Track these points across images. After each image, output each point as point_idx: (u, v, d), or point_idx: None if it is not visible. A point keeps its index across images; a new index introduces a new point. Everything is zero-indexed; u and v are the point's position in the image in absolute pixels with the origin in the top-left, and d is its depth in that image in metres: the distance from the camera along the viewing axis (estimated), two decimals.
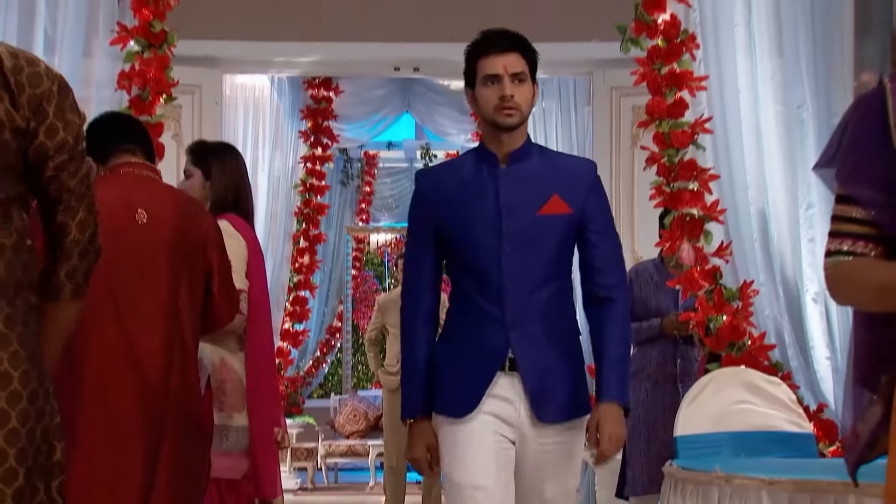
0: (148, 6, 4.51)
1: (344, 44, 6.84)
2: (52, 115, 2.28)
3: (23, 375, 2.25)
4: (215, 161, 4.15)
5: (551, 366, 2.95)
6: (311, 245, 8.91)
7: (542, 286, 2.95)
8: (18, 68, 2.27)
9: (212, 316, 3.61)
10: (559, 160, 3.13)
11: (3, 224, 2.25)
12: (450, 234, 3.04)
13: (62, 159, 2.31)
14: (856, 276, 1.98)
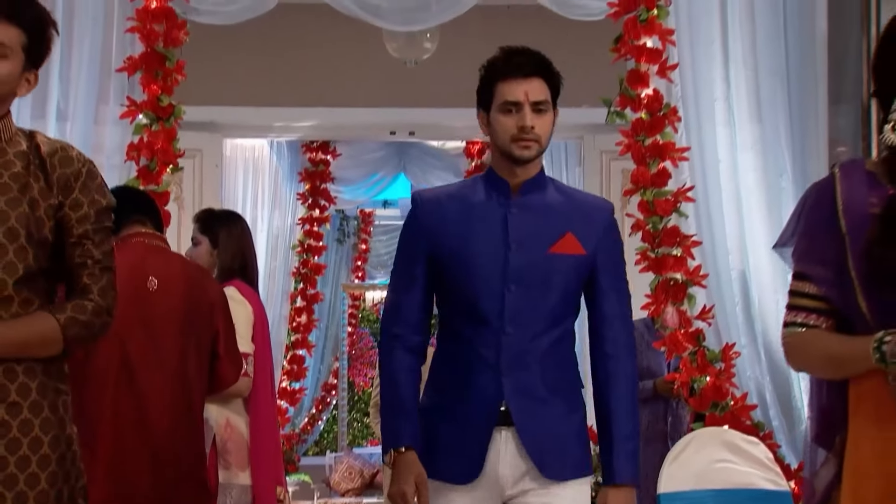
0: (156, 82, 4.72)
1: (341, 109, 6.97)
2: (78, 192, 2.47)
3: (52, 440, 2.41)
4: (222, 229, 4.34)
5: (548, 420, 2.68)
6: (308, 304, 9.02)
7: (544, 332, 2.67)
8: (53, 152, 2.48)
9: (218, 377, 3.79)
10: (576, 196, 2.83)
11: (36, 296, 2.43)
12: (447, 265, 2.72)
13: (85, 229, 2.48)
14: (807, 346, 2.16)
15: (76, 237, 2.47)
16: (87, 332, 2.48)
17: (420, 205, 2.79)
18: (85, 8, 4.83)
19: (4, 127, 2.47)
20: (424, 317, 2.78)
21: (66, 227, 2.48)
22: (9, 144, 2.46)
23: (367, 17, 5.03)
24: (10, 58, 2.42)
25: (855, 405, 2.04)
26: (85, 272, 2.48)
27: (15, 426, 2.36)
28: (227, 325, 3.83)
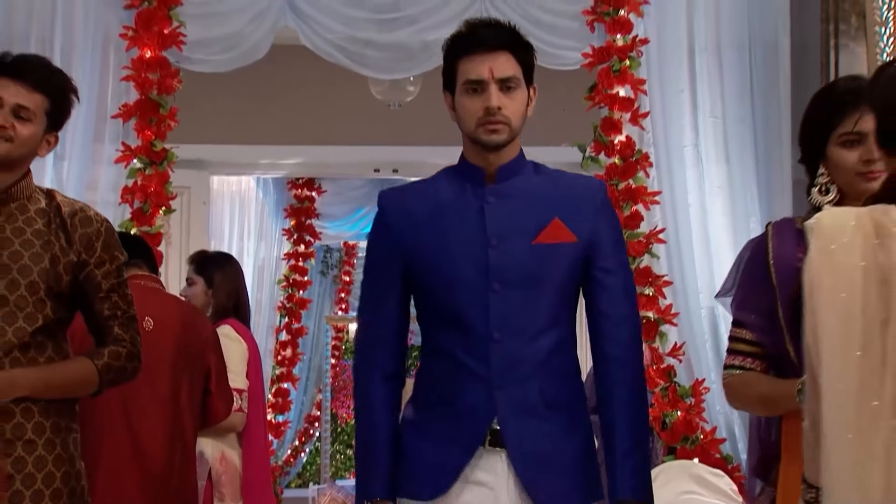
0: (150, 127, 4.90)
1: (326, 147, 7.06)
2: (101, 250, 2.68)
3: (64, 475, 2.61)
4: (217, 270, 4.54)
5: (549, 440, 2.33)
6: (293, 338, 9.14)
7: (538, 336, 2.33)
8: (73, 213, 2.68)
9: (210, 412, 3.96)
10: (560, 178, 2.47)
11: (52, 344, 2.63)
12: (423, 272, 2.39)
13: (111, 284, 2.69)
14: (743, 387, 2.35)
15: (104, 292, 2.68)
16: (120, 376, 2.71)
17: (386, 208, 2.45)
18: (83, 56, 5.00)
19: (26, 185, 2.67)
20: (402, 336, 2.47)
21: (92, 283, 2.67)
22: (29, 201, 2.66)
23: (353, 66, 5.23)
24: (33, 122, 2.63)
25: (786, 440, 2.23)
26: (116, 322, 2.69)
27: (30, 462, 2.55)
28: (219, 362, 4.00)
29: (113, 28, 5.04)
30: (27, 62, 2.69)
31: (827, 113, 2.36)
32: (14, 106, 2.61)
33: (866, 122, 2.26)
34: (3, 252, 2.58)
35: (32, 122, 2.63)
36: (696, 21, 5.22)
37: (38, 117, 2.64)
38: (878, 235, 1.90)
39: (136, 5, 4.97)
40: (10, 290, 2.55)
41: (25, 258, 2.59)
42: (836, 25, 4.57)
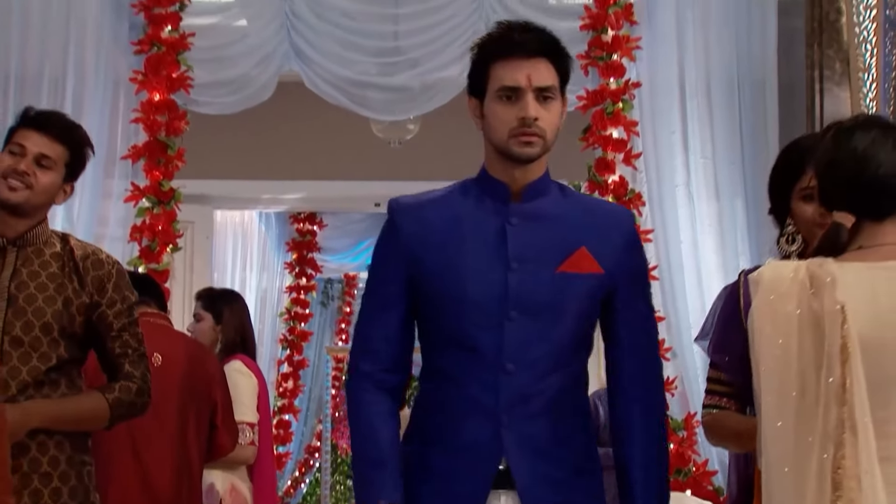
0: (158, 168, 5.08)
1: (327, 182, 7.23)
2: (112, 291, 2.81)
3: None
4: (225, 307, 4.68)
5: (559, 485, 2.15)
6: (294, 370, 9.29)
7: (553, 371, 2.15)
8: (86, 256, 2.82)
9: (216, 446, 4.08)
10: (588, 203, 2.36)
11: (66, 381, 2.76)
12: (431, 287, 2.19)
13: (122, 323, 2.82)
14: (718, 425, 2.48)
15: (116, 331, 2.81)
16: (130, 411, 2.83)
17: (398, 213, 2.26)
18: (94, 98, 5.19)
19: (42, 231, 2.81)
20: (403, 351, 2.25)
21: (104, 323, 2.80)
22: (45, 246, 2.80)
23: (354, 107, 5.41)
24: (53, 170, 2.78)
25: (758, 476, 2.37)
26: (126, 360, 2.82)
27: (46, 493, 2.68)
28: (225, 398, 4.13)
29: (123, 72, 5.23)
30: (49, 116, 2.86)
31: (789, 169, 2.51)
32: (37, 155, 2.75)
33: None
34: (19, 295, 2.72)
35: (53, 170, 2.78)
36: (687, 64, 5.39)
37: (58, 167, 2.79)
38: (813, 285, 2.08)
39: (145, 50, 5.16)
40: (24, 331, 2.69)
41: (40, 300, 2.72)
42: (820, 71, 4.74)
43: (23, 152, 2.76)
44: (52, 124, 2.80)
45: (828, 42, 4.75)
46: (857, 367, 2.05)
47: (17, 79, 5.18)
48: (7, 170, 2.75)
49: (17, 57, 5.21)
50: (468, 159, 6.63)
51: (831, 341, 2.05)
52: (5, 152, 2.80)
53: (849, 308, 2.07)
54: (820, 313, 2.06)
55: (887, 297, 2.11)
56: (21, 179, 2.74)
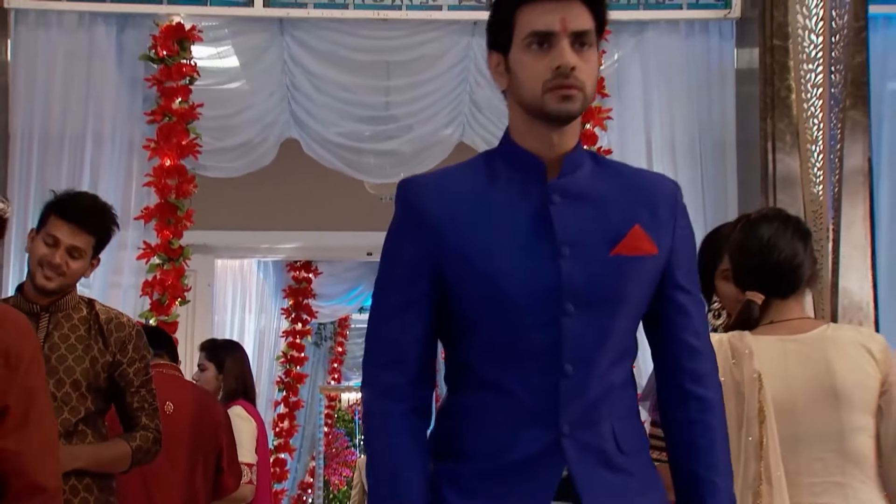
0: (168, 228, 5.47)
1: (322, 232, 7.50)
2: (132, 351, 3.19)
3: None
4: (227, 357, 5.04)
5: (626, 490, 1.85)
6: (290, 411, 9.56)
7: (611, 369, 1.85)
8: (109, 320, 3.19)
9: (220, 487, 4.39)
10: (629, 173, 1.96)
11: (92, 430, 3.13)
12: (466, 284, 1.82)
13: (142, 380, 3.20)
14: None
15: (135, 387, 3.19)
16: (147, 457, 3.22)
17: (418, 192, 1.86)
18: (110, 164, 5.55)
19: (71, 298, 3.18)
20: (428, 361, 1.89)
21: (125, 379, 3.17)
22: (73, 310, 3.17)
23: (349, 171, 5.80)
24: (83, 258, 3.13)
25: None
26: (143, 413, 3.21)
27: None
28: (230, 441, 4.45)
29: (137, 139, 5.58)
30: (82, 207, 3.15)
31: (711, 253, 2.79)
32: (68, 247, 3.08)
33: None
34: (51, 355, 3.06)
35: (83, 258, 3.12)
36: (653, 130, 5.74)
37: (87, 253, 3.13)
38: (734, 356, 2.41)
39: (157, 120, 5.54)
40: (56, 387, 3.04)
41: (69, 360, 3.08)
42: (773, 142, 5.16)
43: (56, 244, 3.07)
44: (82, 217, 3.11)
45: (779, 116, 5.18)
46: (771, 427, 2.36)
47: (40, 139, 5.52)
48: (42, 259, 3.07)
49: (40, 119, 5.53)
50: None
51: (750, 405, 2.36)
52: (40, 239, 3.10)
53: (764, 375, 2.40)
54: (741, 380, 2.37)
55: (796, 365, 2.44)
56: (55, 270, 3.07)
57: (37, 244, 3.11)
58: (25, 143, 5.52)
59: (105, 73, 5.58)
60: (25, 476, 2.36)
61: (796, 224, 2.62)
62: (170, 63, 5.53)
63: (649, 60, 5.72)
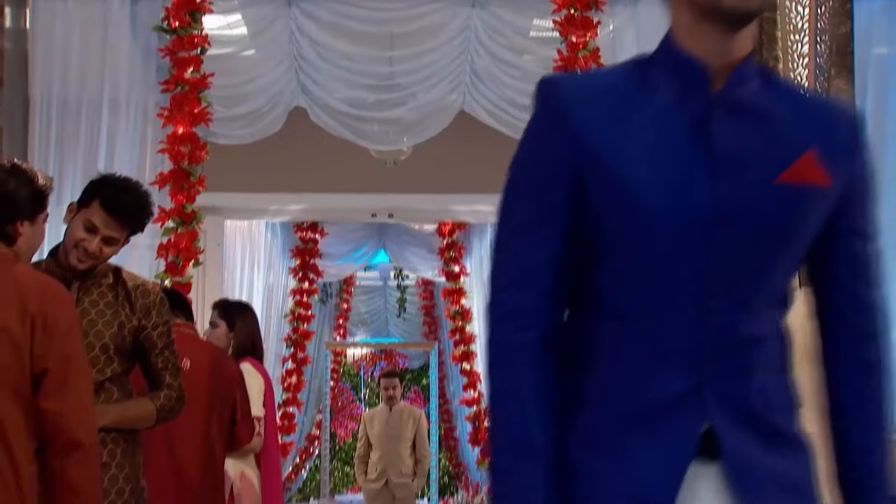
0: (182, 193, 5.71)
1: (328, 194, 7.66)
2: (156, 317, 3.37)
3: (131, 490, 3.30)
4: (238, 316, 5.22)
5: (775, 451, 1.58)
6: (298, 367, 9.80)
7: (764, 312, 1.60)
8: (136, 287, 3.37)
9: (235, 438, 4.59)
10: (803, 95, 1.70)
11: (118, 388, 3.32)
12: (607, 199, 1.57)
13: (165, 342, 3.38)
14: None
15: (159, 349, 3.37)
16: (171, 414, 3.42)
17: (559, 90, 1.63)
18: (125, 133, 5.78)
19: (101, 267, 3.34)
20: (562, 281, 1.61)
21: (150, 342, 3.35)
22: (102, 278, 3.35)
23: (354, 138, 6.03)
24: (117, 245, 3.28)
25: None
26: (167, 373, 3.40)
27: (106, 479, 3.21)
28: (243, 396, 4.65)
29: (151, 108, 5.80)
30: (126, 205, 3.23)
31: None
32: (105, 236, 3.24)
33: None
34: (83, 319, 3.22)
35: (117, 244, 3.29)
36: None
37: (121, 241, 3.30)
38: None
39: (170, 89, 5.75)
40: (87, 349, 3.17)
41: (99, 325, 3.27)
42: None
43: (94, 231, 3.21)
44: (122, 212, 3.23)
45: None
46: None
47: (58, 105, 5.73)
48: (79, 243, 3.21)
49: (58, 85, 5.75)
50: (455, 175, 7.27)
51: None
52: (79, 220, 3.23)
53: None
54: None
55: None
56: (89, 256, 3.23)
57: (75, 225, 3.25)
58: (45, 109, 5.72)
59: (120, 43, 5.78)
60: (64, 434, 2.62)
61: None
62: (182, 34, 5.73)
63: (643, 30, 5.91)
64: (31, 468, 2.61)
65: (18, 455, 2.59)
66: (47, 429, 2.61)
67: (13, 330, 2.59)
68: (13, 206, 2.75)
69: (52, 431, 2.61)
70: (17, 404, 2.59)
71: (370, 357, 13.90)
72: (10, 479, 2.56)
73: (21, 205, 2.77)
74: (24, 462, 2.60)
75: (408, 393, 13.45)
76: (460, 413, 12.03)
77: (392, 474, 8.35)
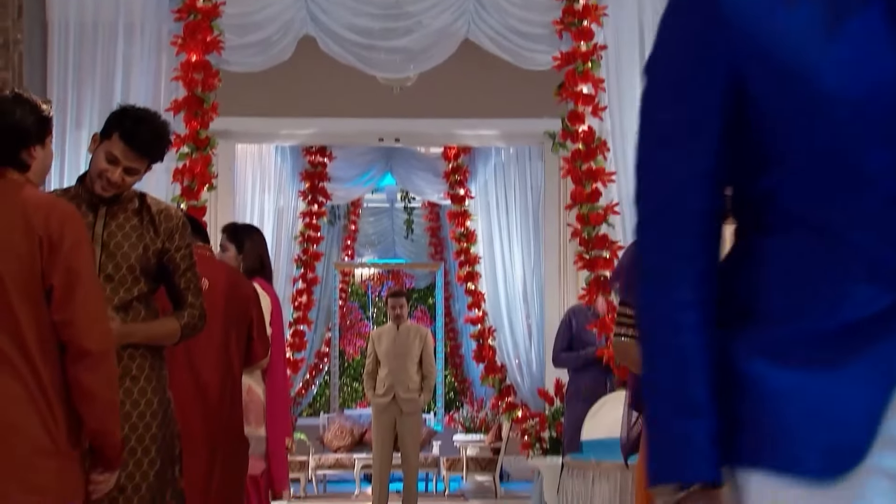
0: (196, 119, 5.92)
1: (337, 119, 7.86)
2: (179, 239, 3.53)
3: (159, 401, 3.41)
4: (246, 239, 5.34)
5: None
6: (308, 287, 10.04)
7: None
8: (160, 212, 3.53)
9: (251, 354, 4.72)
10: None
11: (144, 307, 3.50)
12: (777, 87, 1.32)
13: (188, 264, 3.55)
14: (625, 350, 3.19)
15: (182, 270, 3.55)
16: (193, 332, 3.61)
17: None
18: (140, 61, 5.98)
19: (126, 193, 3.50)
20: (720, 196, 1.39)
21: (173, 264, 3.52)
22: (129, 203, 3.52)
23: (363, 67, 6.22)
24: (138, 174, 3.44)
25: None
26: (189, 293, 3.58)
27: (135, 392, 3.41)
28: (258, 315, 4.77)
29: (165, 36, 5.98)
30: (145, 137, 3.34)
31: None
32: (126, 167, 3.38)
33: None
34: (110, 241, 3.42)
35: (138, 174, 3.44)
36: (647, 28, 6.18)
37: (142, 171, 3.45)
38: None
39: (184, 17, 5.92)
40: (114, 270, 3.41)
41: (125, 247, 3.43)
42: None
43: (116, 162, 3.36)
44: (141, 144, 3.36)
45: None
46: None
47: (75, 29, 5.88)
48: (102, 173, 3.37)
49: (74, 9, 5.90)
50: (459, 101, 7.44)
51: None
52: (101, 152, 3.38)
53: None
54: None
55: None
56: (112, 185, 3.39)
57: (98, 156, 3.40)
58: (62, 35, 5.87)
59: None
60: (76, 342, 2.83)
61: None
62: None
63: None
64: (53, 373, 2.81)
65: (41, 367, 2.80)
66: (62, 339, 2.83)
67: (21, 248, 2.79)
68: (24, 133, 2.89)
69: (66, 341, 2.82)
70: (34, 316, 2.80)
71: (378, 277, 14.11)
72: (32, 384, 2.77)
73: (30, 132, 2.91)
74: (44, 367, 2.80)
75: (414, 312, 13.73)
76: (465, 331, 12.31)
77: (399, 390, 8.60)
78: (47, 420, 2.80)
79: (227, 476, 4.31)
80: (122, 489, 3.27)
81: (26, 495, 2.76)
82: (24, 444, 2.77)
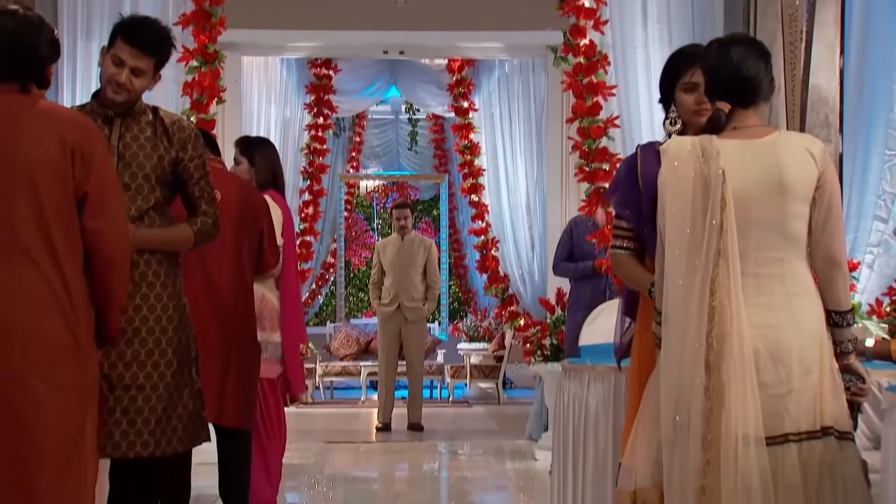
0: (204, 33, 6.02)
1: (342, 31, 7.89)
2: (191, 149, 3.67)
3: (175, 305, 3.57)
4: (258, 151, 5.42)
5: None
6: (314, 198, 10.15)
7: None
8: (172, 123, 3.66)
9: (262, 263, 4.82)
10: None
11: (159, 216, 3.63)
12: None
13: (201, 174, 3.69)
14: (620, 264, 3.24)
15: (196, 179, 3.69)
16: (206, 238, 3.75)
17: None
18: None
19: (139, 105, 3.63)
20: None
21: (188, 173, 3.66)
22: (142, 115, 3.65)
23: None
24: (145, 76, 3.55)
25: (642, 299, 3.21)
26: (203, 201, 3.72)
27: (152, 297, 3.55)
28: (269, 225, 4.87)
29: None
30: (144, 34, 3.46)
31: (674, 67, 3.22)
32: (132, 67, 3.51)
33: (698, 76, 3.07)
34: (126, 152, 3.56)
35: (145, 76, 3.55)
36: None
37: (149, 72, 3.56)
38: (704, 155, 2.78)
39: None
40: (131, 180, 3.55)
41: (141, 157, 3.57)
42: None
43: (122, 64, 3.48)
44: (144, 40, 3.49)
45: None
46: (730, 214, 2.75)
47: None
48: (111, 77, 3.50)
49: None
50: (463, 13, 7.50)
51: (714, 195, 2.74)
52: (108, 58, 3.51)
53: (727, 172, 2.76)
54: (708, 176, 2.75)
55: (752, 165, 2.82)
56: (121, 87, 3.51)
57: (106, 63, 3.54)
58: None
59: None
60: (104, 251, 3.08)
61: (760, 47, 2.96)
62: None
63: None
64: (79, 281, 3.06)
65: (67, 270, 3.02)
66: (89, 246, 3.05)
67: (57, 159, 3.00)
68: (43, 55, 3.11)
69: (94, 248, 3.06)
70: (64, 226, 3.01)
71: (382, 189, 14.19)
72: (62, 292, 2.99)
73: (48, 52, 3.12)
74: (72, 276, 3.04)
75: (419, 223, 13.87)
76: (469, 242, 12.48)
77: (404, 299, 8.81)
78: (70, 320, 3.03)
79: (240, 379, 4.42)
80: (141, 388, 3.45)
81: (50, 389, 2.98)
82: (48, 343, 3.00)
